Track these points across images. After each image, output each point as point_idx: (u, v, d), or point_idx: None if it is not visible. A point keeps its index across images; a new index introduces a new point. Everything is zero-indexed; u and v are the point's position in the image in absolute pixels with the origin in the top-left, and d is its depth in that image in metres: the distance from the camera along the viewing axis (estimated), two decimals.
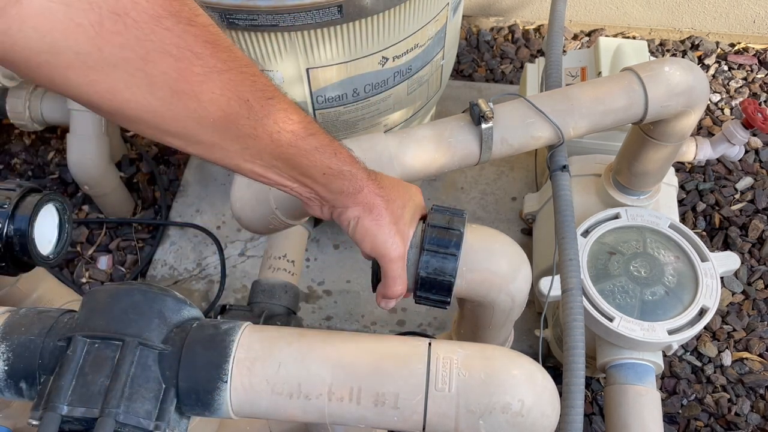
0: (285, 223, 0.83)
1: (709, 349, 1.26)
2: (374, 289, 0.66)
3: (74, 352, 0.46)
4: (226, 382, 0.48)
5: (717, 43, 1.73)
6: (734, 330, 1.28)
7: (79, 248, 1.42)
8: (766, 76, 1.67)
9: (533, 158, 1.48)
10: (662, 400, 1.13)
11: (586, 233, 1.01)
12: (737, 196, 1.45)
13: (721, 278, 1.01)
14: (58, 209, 0.77)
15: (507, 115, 0.79)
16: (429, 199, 1.45)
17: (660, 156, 0.94)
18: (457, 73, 1.71)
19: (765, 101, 1.62)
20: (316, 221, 1.37)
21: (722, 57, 1.71)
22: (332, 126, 1.00)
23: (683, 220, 1.42)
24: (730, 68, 1.69)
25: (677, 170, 1.47)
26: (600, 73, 1.13)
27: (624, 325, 0.92)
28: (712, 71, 1.68)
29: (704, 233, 1.41)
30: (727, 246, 1.38)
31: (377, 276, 0.64)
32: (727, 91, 1.64)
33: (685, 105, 0.83)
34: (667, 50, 1.74)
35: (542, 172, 1.39)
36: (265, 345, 0.49)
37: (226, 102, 0.46)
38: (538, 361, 0.52)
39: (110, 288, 0.49)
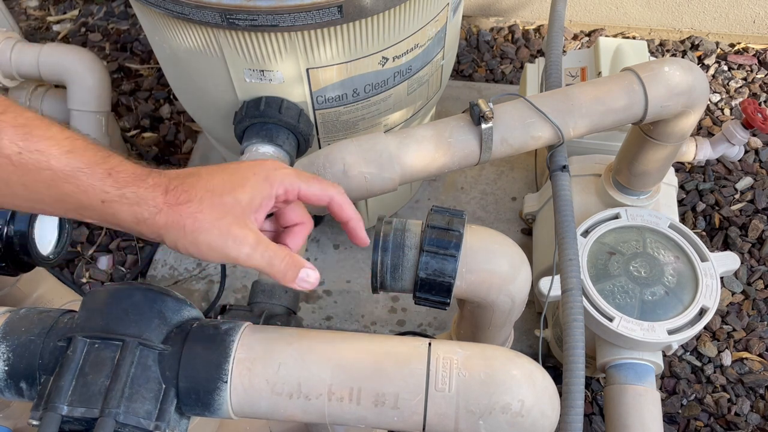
0: None
1: (709, 349, 1.26)
2: (374, 289, 0.66)
3: (74, 352, 0.46)
4: (226, 382, 0.48)
5: (717, 43, 1.73)
6: (734, 330, 1.28)
7: (79, 248, 1.42)
8: (766, 76, 1.67)
9: (533, 158, 1.48)
10: (662, 400, 1.13)
11: (586, 233, 1.01)
12: (737, 196, 1.45)
13: (721, 278, 1.01)
14: None
15: (507, 115, 0.79)
16: (429, 199, 1.46)
17: (660, 156, 0.94)
18: (457, 73, 1.71)
19: (765, 101, 1.62)
20: (317, 221, 1.37)
21: (722, 57, 1.71)
22: (332, 126, 1.00)
23: (683, 220, 1.42)
24: (730, 68, 1.69)
25: (677, 170, 1.47)
26: (600, 73, 1.13)
27: (624, 325, 0.92)
28: (712, 71, 1.68)
29: (704, 233, 1.41)
30: (727, 246, 1.38)
31: (373, 272, 0.64)
32: (727, 91, 1.64)
33: (685, 105, 0.83)
34: (667, 50, 1.74)
35: (542, 172, 1.39)
36: (265, 345, 0.49)
37: None
38: (538, 361, 0.52)
39: (110, 288, 0.49)
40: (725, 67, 1.69)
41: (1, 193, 0.43)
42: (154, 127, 1.62)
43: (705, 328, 1.14)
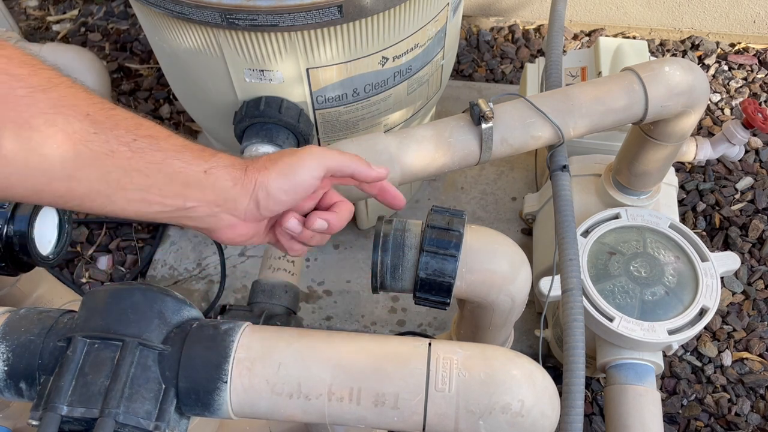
0: None
1: (709, 349, 1.26)
2: (374, 289, 0.66)
3: (74, 352, 0.46)
4: (226, 382, 0.48)
5: (717, 43, 1.73)
6: (734, 330, 1.28)
7: (79, 248, 1.42)
8: (766, 76, 1.67)
9: (533, 158, 1.48)
10: (662, 400, 1.13)
11: (586, 233, 1.01)
12: (737, 196, 1.45)
13: (721, 278, 1.01)
14: (57, 209, 0.77)
15: (507, 115, 0.79)
16: (429, 199, 1.46)
17: (660, 156, 0.93)
18: (457, 73, 1.71)
19: (765, 101, 1.62)
20: None
21: (722, 57, 1.71)
22: (332, 126, 1.00)
23: (683, 220, 1.42)
24: (730, 68, 1.69)
25: (677, 170, 1.47)
26: (600, 73, 1.13)
27: (624, 325, 0.92)
28: (712, 71, 1.68)
29: (704, 233, 1.41)
30: (727, 246, 1.38)
31: (373, 272, 0.64)
32: (727, 91, 1.64)
33: (685, 105, 0.83)
34: (667, 50, 1.74)
35: (542, 172, 1.39)
36: (265, 345, 0.49)
37: (64, 119, 0.41)
38: (538, 361, 0.52)
39: (110, 288, 0.49)
40: (725, 67, 1.69)
41: (119, 185, 0.46)
42: None
43: (705, 328, 1.14)
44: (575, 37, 1.79)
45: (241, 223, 0.55)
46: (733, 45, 1.73)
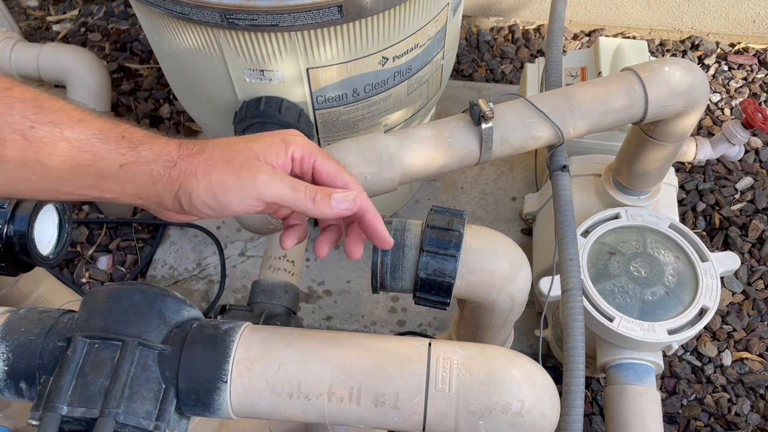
0: None
1: (709, 349, 1.26)
2: (374, 289, 0.66)
3: (74, 352, 0.46)
4: (226, 382, 0.48)
5: (717, 43, 1.73)
6: (734, 330, 1.28)
7: (79, 248, 1.42)
8: (766, 76, 1.67)
9: (533, 158, 1.48)
10: (662, 400, 1.13)
11: (586, 233, 1.01)
12: (737, 196, 1.45)
13: (721, 278, 1.01)
14: (57, 209, 0.77)
15: (507, 115, 0.79)
16: (429, 199, 1.46)
17: (660, 156, 0.93)
18: (457, 73, 1.71)
19: (765, 101, 1.62)
20: (316, 221, 1.37)
21: (722, 57, 1.71)
22: (332, 126, 1.00)
23: (683, 220, 1.42)
24: (730, 68, 1.69)
25: (677, 170, 1.47)
26: (600, 73, 1.13)
27: (624, 325, 0.92)
28: (712, 71, 1.68)
29: (704, 233, 1.41)
30: (727, 246, 1.38)
31: (373, 272, 0.64)
32: (727, 91, 1.64)
33: (685, 105, 0.83)
34: (667, 50, 1.74)
35: (542, 172, 1.39)
36: (265, 345, 0.49)
37: None
38: (538, 361, 0.52)
39: (110, 288, 0.49)
40: (725, 67, 1.69)
41: (19, 176, 0.41)
42: (154, 127, 1.62)
43: (705, 328, 1.14)
44: (575, 37, 1.79)
45: (172, 212, 0.49)
46: (733, 45, 1.74)
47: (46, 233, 0.76)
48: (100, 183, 0.43)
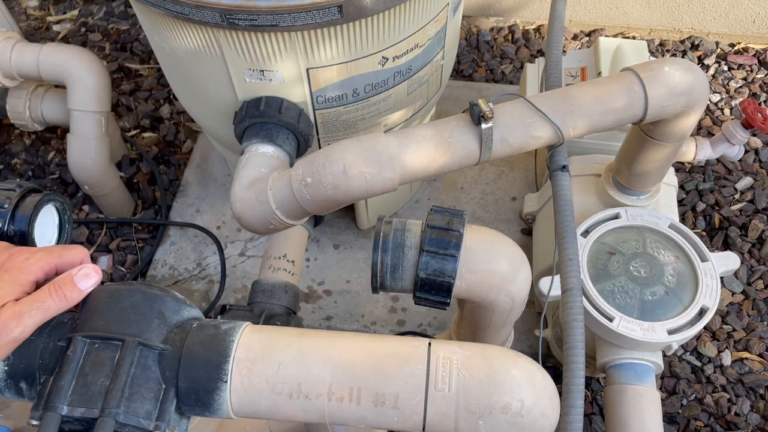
0: (285, 223, 0.83)
1: (709, 349, 1.26)
2: (374, 289, 0.66)
3: (74, 352, 0.47)
4: (226, 382, 0.48)
5: (717, 43, 1.73)
6: (734, 330, 1.28)
7: None
8: (766, 76, 1.67)
9: (533, 158, 1.48)
10: (662, 400, 1.13)
11: (586, 233, 1.01)
12: (737, 196, 1.45)
13: (721, 278, 1.01)
14: (58, 209, 0.77)
15: (507, 115, 0.79)
16: (429, 199, 1.46)
17: (660, 156, 0.94)
18: (457, 73, 1.71)
19: (765, 101, 1.62)
20: (316, 221, 1.37)
21: (722, 57, 1.71)
22: (332, 126, 1.00)
23: (683, 220, 1.42)
24: (730, 68, 1.69)
25: (677, 170, 1.47)
26: (600, 73, 1.13)
27: (624, 325, 0.92)
28: (712, 71, 1.68)
29: (704, 233, 1.41)
30: (727, 246, 1.38)
31: (373, 272, 0.64)
32: (727, 91, 1.64)
33: (685, 105, 0.83)
34: (667, 50, 1.74)
35: (542, 172, 1.39)
36: (265, 345, 0.50)
37: None
38: (538, 361, 0.52)
39: (110, 288, 0.49)
40: (725, 67, 1.69)
41: None
42: (154, 127, 1.62)
43: (705, 328, 1.14)
44: (575, 37, 1.79)
45: None
46: (732, 45, 1.73)
47: (46, 233, 0.76)
48: None
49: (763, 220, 1.40)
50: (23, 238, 0.71)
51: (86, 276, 0.49)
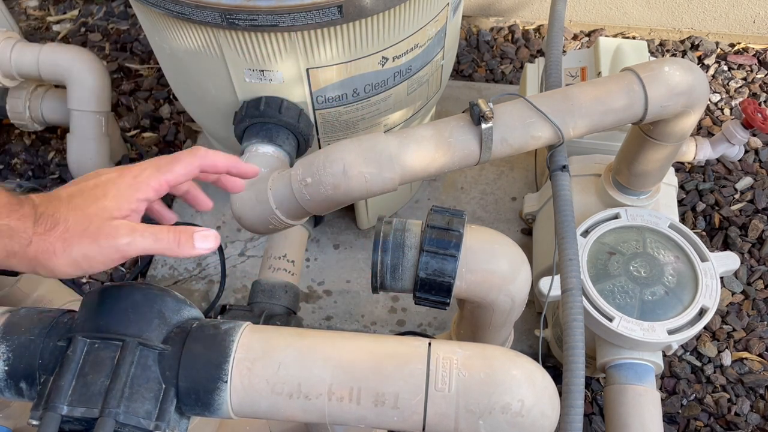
0: (285, 223, 0.83)
1: (709, 349, 1.26)
2: (374, 289, 0.66)
3: (74, 352, 0.47)
4: (226, 382, 0.48)
5: (717, 43, 1.73)
6: (734, 330, 1.28)
7: None
8: (766, 76, 1.67)
9: (533, 158, 1.48)
10: (662, 400, 1.13)
11: (586, 233, 1.01)
12: (737, 196, 1.45)
13: (721, 278, 1.01)
14: None
15: (507, 115, 0.79)
16: (429, 199, 1.46)
17: (660, 156, 0.94)
18: (457, 73, 1.71)
19: (765, 101, 1.62)
20: (316, 221, 1.37)
21: (722, 57, 1.71)
22: (332, 126, 1.00)
23: (683, 220, 1.42)
24: (730, 68, 1.69)
25: (677, 170, 1.47)
26: (600, 73, 1.13)
27: (624, 325, 0.92)
28: (712, 71, 1.68)
29: (704, 233, 1.41)
30: (727, 246, 1.38)
31: (373, 272, 0.64)
32: (727, 91, 1.64)
33: (685, 105, 0.83)
34: (667, 50, 1.74)
35: (542, 172, 1.39)
36: (265, 345, 0.49)
37: None
38: (538, 361, 0.52)
39: (110, 288, 0.49)
40: (725, 67, 1.69)
41: None
42: (154, 127, 1.62)
43: (705, 328, 1.14)
44: (575, 37, 1.79)
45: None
46: (732, 45, 1.73)
47: None
48: None
49: (763, 220, 1.40)
50: None
51: (205, 238, 0.49)
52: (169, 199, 1.47)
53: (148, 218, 0.52)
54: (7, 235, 0.44)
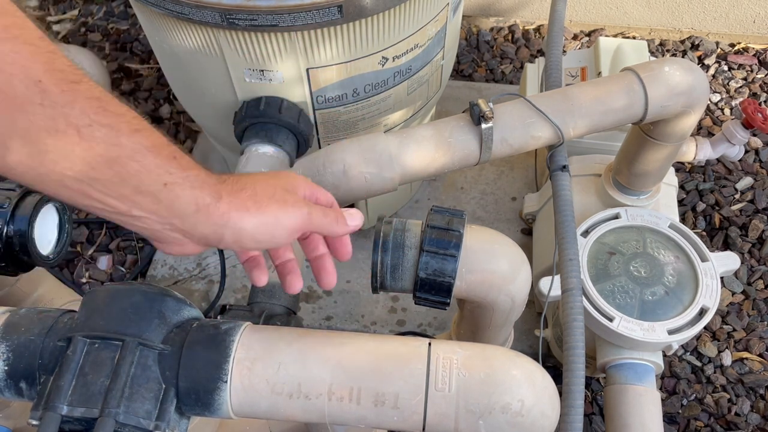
0: None
1: (709, 349, 1.26)
2: (374, 289, 0.66)
3: (74, 352, 0.46)
4: (226, 382, 0.48)
5: (717, 43, 1.73)
6: (734, 330, 1.28)
7: (79, 248, 1.42)
8: (766, 76, 1.67)
9: (533, 158, 1.48)
10: (662, 400, 1.13)
11: (586, 233, 1.01)
12: (737, 196, 1.45)
13: (721, 278, 1.01)
14: (58, 209, 0.77)
15: (507, 115, 0.79)
16: (429, 199, 1.46)
17: (660, 156, 0.94)
18: (457, 73, 1.71)
19: (765, 101, 1.62)
20: None
21: (722, 57, 1.71)
22: (332, 126, 1.00)
23: (683, 220, 1.42)
24: (730, 68, 1.69)
25: (677, 170, 1.47)
26: (600, 73, 1.13)
27: (624, 325, 0.92)
28: (712, 71, 1.68)
29: (704, 233, 1.41)
30: (727, 246, 1.38)
31: (373, 272, 0.64)
32: (727, 91, 1.64)
33: (685, 105, 0.83)
34: (667, 50, 1.74)
35: (542, 172, 1.39)
36: (265, 345, 0.49)
37: (6, 80, 0.35)
38: (538, 361, 0.52)
39: (110, 288, 0.49)
40: (725, 67, 1.69)
41: (59, 167, 0.39)
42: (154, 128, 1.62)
43: (705, 328, 1.14)
44: (575, 37, 1.79)
45: (191, 244, 0.48)
46: (732, 45, 1.73)
47: (46, 233, 0.76)
48: (137, 196, 0.42)
49: (764, 220, 1.40)
50: (23, 238, 0.71)
51: (352, 216, 0.53)
52: None
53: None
54: (198, 185, 0.43)
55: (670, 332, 0.92)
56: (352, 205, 0.83)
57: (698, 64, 1.71)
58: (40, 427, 0.44)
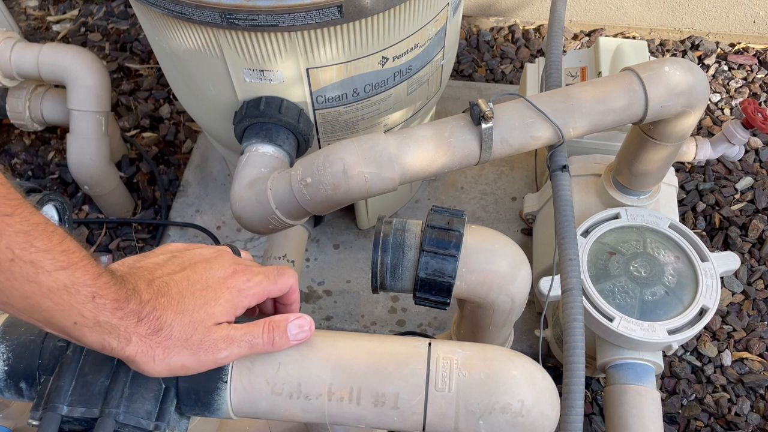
0: (285, 223, 0.83)
1: (709, 349, 1.26)
2: (374, 289, 0.66)
3: (74, 352, 0.47)
4: (226, 382, 0.48)
5: (717, 43, 1.73)
6: (734, 330, 1.28)
7: None
8: (766, 76, 1.67)
9: (533, 158, 1.48)
10: (662, 400, 1.13)
11: (586, 233, 1.01)
12: (737, 196, 1.45)
13: (721, 278, 1.01)
14: (58, 209, 0.77)
15: (507, 115, 0.79)
16: (429, 199, 1.46)
17: (660, 156, 0.93)
18: (457, 73, 1.71)
19: (765, 101, 1.62)
20: (316, 221, 1.37)
21: (722, 57, 1.71)
22: (332, 126, 1.00)
23: (683, 220, 1.42)
24: (730, 68, 1.69)
25: (677, 170, 1.47)
26: (600, 73, 1.13)
27: (624, 325, 0.92)
28: (712, 71, 1.68)
29: (704, 233, 1.41)
30: (727, 246, 1.38)
31: (373, 272, 0.64)
32: (727, 91, 1.64)
33: (685, 105, 0.83)
34: (667, 50, 1.74)
35: (542, 172, 1.39)
36: None
37: None
38: (538, 361, 0.52)
39: None
40: (725, 67, 1.69)
41: None
42: (154, 127, 1.62)
43: (705, 328, 1.14)
44: (575, 37, 1.79)
45: None
46: (732, 45, 1.73)
47: None
48: (48, 326, 0.42)
49: (764, 220, 1.40)
50: None
51: (300, 328, 0.49)
52: (169, 201, 1.47)
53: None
54: (108, 331, 0.43)
55: (670, 332, 0.92)
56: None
57: (698, 64, 1.71)
58: (40, 427, 0.44)
